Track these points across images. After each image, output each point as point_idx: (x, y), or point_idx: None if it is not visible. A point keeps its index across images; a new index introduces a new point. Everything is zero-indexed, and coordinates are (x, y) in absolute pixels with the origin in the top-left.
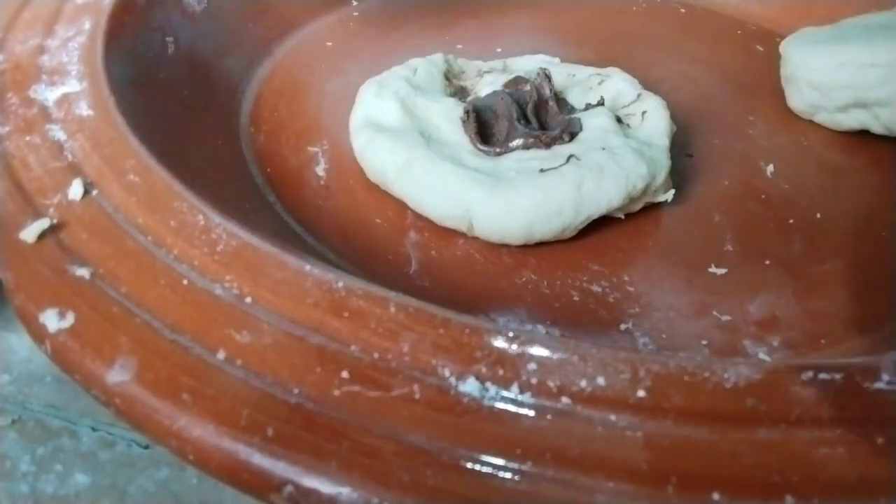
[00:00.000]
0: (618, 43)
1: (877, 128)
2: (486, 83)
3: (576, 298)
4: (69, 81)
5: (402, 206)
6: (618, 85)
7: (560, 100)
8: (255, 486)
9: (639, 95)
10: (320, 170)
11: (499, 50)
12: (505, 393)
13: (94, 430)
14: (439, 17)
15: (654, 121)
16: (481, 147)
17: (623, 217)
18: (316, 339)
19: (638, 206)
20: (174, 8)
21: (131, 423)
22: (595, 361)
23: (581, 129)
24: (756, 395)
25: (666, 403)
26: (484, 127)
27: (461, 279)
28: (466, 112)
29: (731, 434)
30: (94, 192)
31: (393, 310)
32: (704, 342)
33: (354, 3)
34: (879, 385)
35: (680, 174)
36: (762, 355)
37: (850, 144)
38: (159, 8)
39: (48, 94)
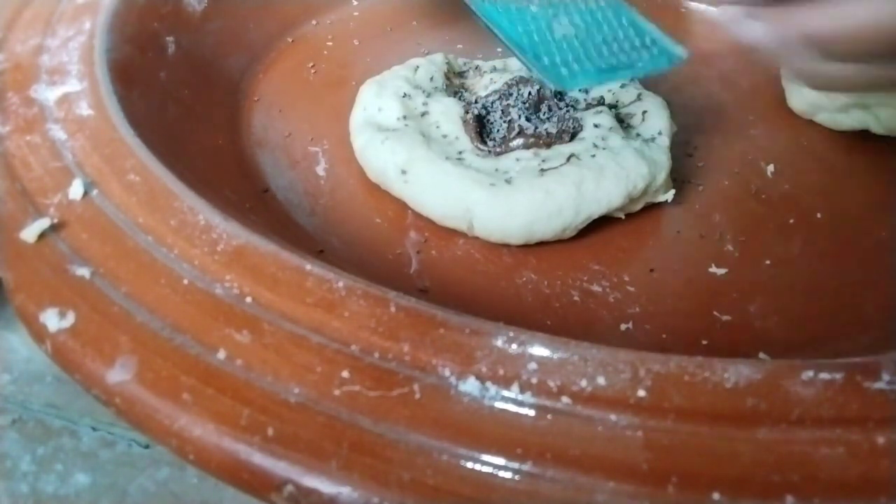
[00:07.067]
0: None
1: (877, 128)
2: (486, 83)
3: (576, 298)
4: (69, 81)
5: (402, 206)
6: (618, 85)
7: (560, 99)
8: (256, 485)
9: (639, 95)
10: (320, 170)
11: (499, 50)
12: (505, 393)
13: (94, 429)
14: (439, 17)
15: (654, 121)
16: (481, 147)
17: (623, 217)
18: (316, 339)
19: (638, 206)
20: (174, 8)
21: (132, 422)
22: (595, 361)
23: (581, 129)
24: (756, 395)
25: (666, 403)
26: (484, 127)
27: (461, 279)
28: (466, 112)
29: (731, 434)
30: (94, 192)
31: (393, 310)
32: (704, 342)
33: (354, 3)
34: (879, 385)
35: (680, 174)
36: (762, 355)
37: (850, 144)
38: (159, 8)
39: (48, 94)
